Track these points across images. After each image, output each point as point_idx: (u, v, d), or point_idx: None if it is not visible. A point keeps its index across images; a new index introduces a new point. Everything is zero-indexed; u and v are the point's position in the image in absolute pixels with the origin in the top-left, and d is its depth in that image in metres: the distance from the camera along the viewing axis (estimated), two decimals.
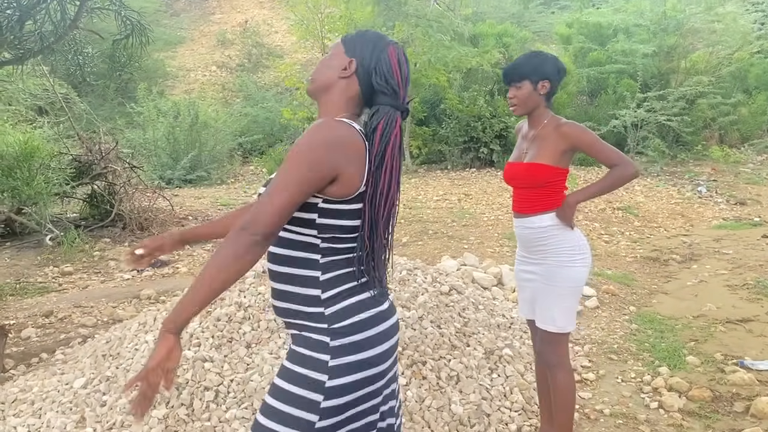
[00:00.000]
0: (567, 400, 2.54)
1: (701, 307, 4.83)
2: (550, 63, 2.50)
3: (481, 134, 11.97)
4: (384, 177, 1.54)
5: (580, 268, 2.51)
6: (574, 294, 2.54)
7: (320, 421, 1.50)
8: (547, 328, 2.54)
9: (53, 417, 2.88)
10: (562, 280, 2.50)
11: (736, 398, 3.32)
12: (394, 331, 1.65)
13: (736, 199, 9.69)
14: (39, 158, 7.43)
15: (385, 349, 1.60)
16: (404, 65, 1.62)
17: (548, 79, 2.48)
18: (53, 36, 4.30)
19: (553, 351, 2.57)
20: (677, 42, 12.98)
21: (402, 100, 1.60)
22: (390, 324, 1.63)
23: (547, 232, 2.51)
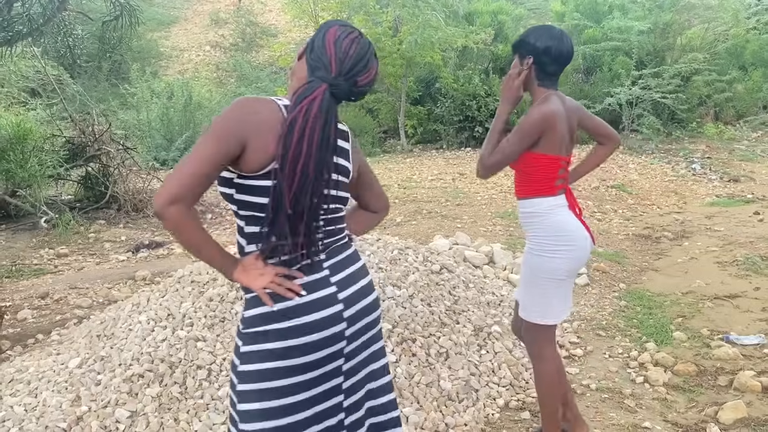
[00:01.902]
0: (547, 390, 2.48)
1: (690, 283, 4.89)
2: (533, 37, 2.37)
3: (477, 113, 11.95)
4: (293, 146, 1.48)
5: (562, 260, 2.39)
6: (553, 286, 2.41)
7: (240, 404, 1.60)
8: (521, 314, 2.50)
9: (49, 396, 2.93)
10: (538, 270, 2.41)
11: (720, 372, 3.39)
12: (320, 325, 1.59)
13: (730, 176, 9.72)
14: (32, 140, 7.44)
15: (302, 343, 1.57)
16: (343, 43, 1.60)
17: (533, 54, 2.36)
18: (42, 18, 4.28)
19: (533, 341, 2.50)
20: (673, 19, 12.92)
21: (336, 75, 1.57)
22: (311, 319, 1.58)
23: (531, 218, 2.45)
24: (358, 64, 1.61)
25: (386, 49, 12.08)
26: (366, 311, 1.70)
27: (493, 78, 12.41)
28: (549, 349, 2.50)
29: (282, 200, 1.49)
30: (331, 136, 1.55)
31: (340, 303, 1.63)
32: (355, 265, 1.73)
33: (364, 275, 1.75)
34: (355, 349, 1.69)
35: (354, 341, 1.68)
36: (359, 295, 1.69)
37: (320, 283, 1.62)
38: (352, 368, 1.70)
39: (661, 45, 13.00)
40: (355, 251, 1.77)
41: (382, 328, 3.22)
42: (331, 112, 1.55)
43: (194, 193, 1.48)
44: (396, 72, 12.52)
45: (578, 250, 2.43)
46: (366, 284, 1.73)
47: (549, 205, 2.41)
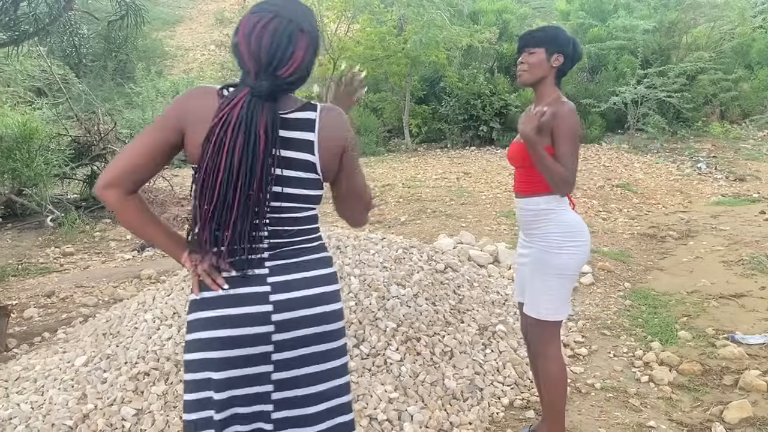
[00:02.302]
0: (556, 390, 2.48)
1: (696, 283, 4.87)
2: (570, 40, 2.41)
3: (481, 112, 11.94)
4: (209, 158, 1.46)
5: (572, 256, 2.39)
6: (563, 282, 2.42)
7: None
8: (531, 314, 2.46)
9: (55, 394, 2.95)
10: (549, 267, 2.40)
11: (726, 372, 3.38)
12: (242, 321, 1.54)
13: (736, 176, 9.69)
14: (38, 139, 7.47)
15: (222, 335, 1.54)
16: (253, 36, 1.47)
17: (564, 54, 2.37)
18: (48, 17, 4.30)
19: (539, 339, 2.48)
20: (678, 17, 12.89)
21: (255, 76, 1.47)
22: (232, 312, 1.54)
23: (540, 215, 2.42)
24: (275, 57, 1.47)
25: (391, 48, 12.08)
26: (304, 322, 1.58)
27: (498, 77, 12.39)
28: (554, 346, 2.50)
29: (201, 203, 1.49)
30: (258, 142, 1.45)
31: (270, 304, 1.55)
32: (308, 273, 1.60)
33: (316, 285, 1.61)
34: (289, 360, 1.59)
35: (285, 350, 1.57)
36: (298, 304, 1.57)
37: (253, 280, 1.55)
38: (286, 380, 1.60)
39: (666, 44, 12.96)
40: (317, 259, 1.64)
41: (387, 329, 3.23)
42: (255, 117, 1.45)
43: (132, 180, 1.52)
44: (400, 71, 12.52)
45: (586, 245, 2.45)
46: (313, 295, 1.60)
47: (558, 201, 2.41)
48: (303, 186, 1.58)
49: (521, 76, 2.43)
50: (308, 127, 1.56)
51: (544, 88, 2.42)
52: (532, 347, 2.55)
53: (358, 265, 3.73)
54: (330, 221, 7.18)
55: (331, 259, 1.70)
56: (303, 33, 1.50)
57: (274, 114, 1.48)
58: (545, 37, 2.38)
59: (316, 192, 1.62)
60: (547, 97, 2.40)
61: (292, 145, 1.54)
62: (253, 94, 1.46)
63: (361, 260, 3.80)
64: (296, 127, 1.55)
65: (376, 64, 12.63)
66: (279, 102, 1.51)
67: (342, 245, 3.95)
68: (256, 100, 1.46)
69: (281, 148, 1.50)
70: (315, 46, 1.54)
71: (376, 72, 13.04)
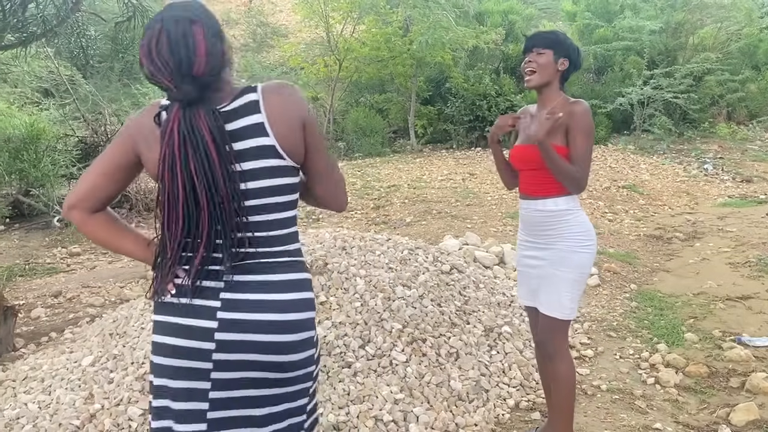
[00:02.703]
0: (567, 391, 2.48)
1: (702, 284, 4.86)
2: (575, 47, 2.44)
3: (487, 113, 11.94)
4: (165, 176, 1.43)
5: (588, 254, 2.43)
6: (582, 280, 2.46)
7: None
8: (554, 314, 2.42)
9: (62, 394, 2.97)
10: (572, 266, 2.40)
11: (732, 374, 3.37)
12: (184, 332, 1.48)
13: (742, 177, 9.66)
14: (45, 140, 7.52)
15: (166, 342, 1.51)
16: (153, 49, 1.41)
17: (569, 59, 2.40)
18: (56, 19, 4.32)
19: (553, 339, 2.47)
20: (685, 18, 12.85)
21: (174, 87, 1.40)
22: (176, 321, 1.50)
23: (559, 216, 2.41)
24: (181, 60, 1.39)
25: (396, 49, 12.09)
26: (251, 347, 1.46)
27: (503, 78, 12.38)
28: (566, 346, 2.52)
29: (164, 220, 1.47)
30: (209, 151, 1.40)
31: (215, 321, 1.46)
32: (264, 295, 1.48)
33: (270, 310, 1.47)
34: (228, 381, 1.49)
35: (226, 371, 1.48)
36: (249, 327, 1.46)
37: (206, 292, 1.48)
38: (222, 400, 1.51)
39: (673, 44, 12.93)
40: (283, 282, 1.50)
41: (392, 330, 3.23)
42: (194, 127, 1.40)
43: (94, 199, 1.53)
44: (406, 72, 12.53)
45: (595, 245, 2.48)
46: (262, 321, 1.46)
47: (574, 202, 2.43)
48: (266, 176, 1.47)
49: (531, 77, 2.41)
50: (252, 109, 1.45)
51: (549, 92, 2.42)
52: (548, 348, 2.52)
53: (364, 266, 3.74)
54: (335, 222, 7.19)
55: (304, 282, 1.54)
56: (194, 23, 1.42)
57: (213, 114, 1.42)
58: (555, 39, 2.40)
59: (285, 180, 1.49)
60: (553, 101, 2.40)
61: (241, 134, 1.44)
62: (182, 106, 1.41)
63: (367, 261, 3.81)
64: (239, 114, 1.45)
65: (381, 65, 12.65)
66: (213, 99, 1.45)
67: (348, 246, 3.96)
68: (188, 110, 1.41)
69: (232, 141, 1.43)
70: (212, 29, 1.45)
71: (382, 73, 13.06)
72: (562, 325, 2.46)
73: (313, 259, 3.70)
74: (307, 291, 1.55)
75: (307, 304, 1.54)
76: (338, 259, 3.75)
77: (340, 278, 3.56)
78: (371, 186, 9.15)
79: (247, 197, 1.46)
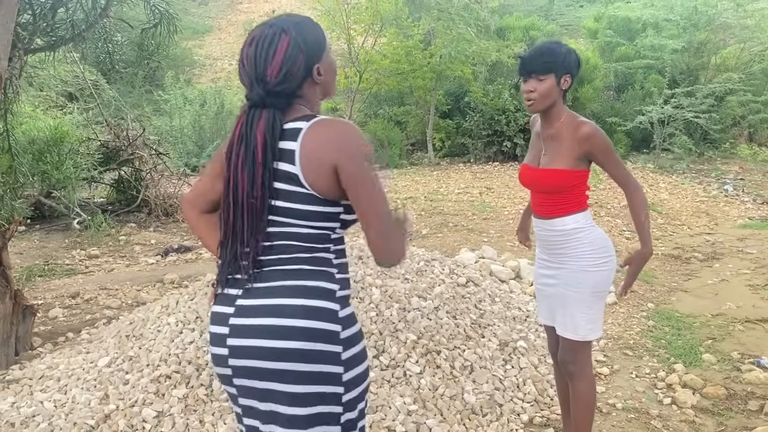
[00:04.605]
0: (588, 411, 2.45)
1: (721, 305, 4.79)
2: (573, 55, 2.32)
3: (505, 128, 11.92)
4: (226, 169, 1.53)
5: (605, 272, 2.37)
6: (599, 300, 2.39)
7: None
8: (568, 335, 2.39)
9: (78, 393, 2.99)
10: (585, 286, 2.35)
11: (751, 397, 3.32)
12: (212, 340, 1.55)
13: (763, 199, 9.54)
14: (68, 143, 7.61)
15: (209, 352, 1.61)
16: (244, 52, 1.52)
17: (571, 73, 2.30)
18: (84, 24, 4.40)
19: (574, 359, 2.42)
20: (707, 38, 12.78)
21: (249, 86, 1.51)
22: (210, 330, 1.57)
23: (570, 235, 2.36)
24: (258, 63, 1.48)
25: (417, 62, 12.13)
26: (253, 353, 1.47)
27: None
28: (590, 366, 2.47)
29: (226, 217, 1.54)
30: (256, 148, 1.47)
31: (227, 327, 1.50)
32: (275, 300, 1.47)
33: (280, 315, 1.46)
34: (246, 389, 1.52)
35: (241, 378, 1.51)
36: (251, 332, 1.47)
37: (227, 299, 1.53)
38: (249, 408, 1.55)
39: (695, 64, 12.86)
40: (298, 287, 1.48)
41: (407, 341, 3.22)
42: (253, 126, 1.48)
43: (204, 200, 1.71)
44: (425, 85, 12.56)
45: (614, 259, 2.42)
46: (270, 326, 1.45)
47: (587, 218, 2.39)
48: (289, 199, 1.48)
49: (533, 105, 2.33)
50: (294, 136, 1.47)
51: (555, 111, 2.35)
52: (570, 368, 2.46)
53: (380, 276, 3.74)
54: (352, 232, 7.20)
55: (326, 292, 1.50)
56: (285, 34, 1.48)
57: (274, 119, 1.47)
58: (554, 62, 2.27)
59: (307, 207, 1.48)
60: (558, 118, 2.34)
61: (281, 155, 1.48)
62: (250, 106, 1.50)
63: (383, 271, 3.81)
64: (287, 137, 1.48)
65: (401, 77, 12.69)
66: (286, 114, 1.50)
67: (364, 255, 3.96)
68: (254, 111, 1.49)
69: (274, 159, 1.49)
70: (300, 43, 1.48)
71: (402, 86, 13.10)
72: (581, 345, 2.41)
73: None
74: (323, 300, 1.49)
75: (324, 315, 1.48)
76: (354, 268, 3.75)
77: (356, 287, 3.57)
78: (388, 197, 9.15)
79: (277, 214, 1.50)
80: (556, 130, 2.34)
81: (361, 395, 1.56)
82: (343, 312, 1.51)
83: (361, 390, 1.55)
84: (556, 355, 2.60)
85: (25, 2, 4.05)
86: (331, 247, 1.54)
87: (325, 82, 1.57)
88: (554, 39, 2.70)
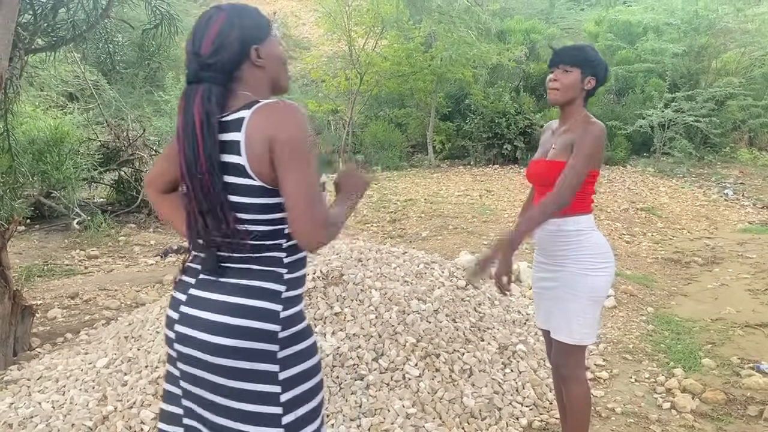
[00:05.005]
0: (582, 414, 2.44)
1: (720, 310, 4.79)
2: (603, 63, 2.38)
3: (506, 131, 11.93)
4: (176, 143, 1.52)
5: (603, 277, 2.35)
6: (595, 304, 2.37)
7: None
8: (563, 339, 2.38)
9: (76, 394, 2.98)
10: (582, 289, 2.33)
11: (750, 402, 3.31)
12: (166, 321, 1.59)
13: (763, 203, 9.55)
14: (68, 144, 7.62)
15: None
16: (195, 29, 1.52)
17: (597, 76, 2.34)
18: (85, 24, 4.40)
19: (566, 363, 2.42)
20: (708, 42, 12.79)
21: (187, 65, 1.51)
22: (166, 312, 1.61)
23: (570, 237, 2.35)
24: (195, 39, 1.49)
25: (417, 65, 12.15)
26: (196, 344, 1.50)
27: (523, 96, 12.39)
28: (582, 370, 2.46)
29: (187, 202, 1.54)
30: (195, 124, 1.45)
31: (178, 313, 1.55)
32: (222, 296, 1.49)
33: (223, 312, 1.47)
34: (188, 375, 1.55)
35: (184, 363, 1.54)
36: (196, 324, 1.50)
37: (183, 285, 1.58)
38: (189, 392, 1.57)
39: (695, 68, 12.87)
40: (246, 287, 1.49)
41: (406, 344, 3.22)
42: (190, 102, 1.47)
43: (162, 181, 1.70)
44: (426, 87, 12.57)
45: (613, 263, 2.41)
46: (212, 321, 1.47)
47: (590, 222, 2.38)
48: (239, 192, 1.46)
49: (554, 95, 2.36)
50: (237, 127, 1.44)
51: (572, 109, 2.38)
52: (562, 371, 2.47)
53: (379, 278, 3.73)
54: (351, 233, 7.20)
55: (270, 293, 1.50)
56: (222, 12, 1.50)
57: (210, 93, 1.46)
58: (583, 58, 2.33)
59: (257, 200, 1.47)
60: (575, 117, 2.37)
61: (226, 148, 1.45)
62: (187, 82, 1.50)
63: (383, 273, 3.80)
64: (229, 128, 1.46)
65: (402, 79, 12.71)
66: (230, 102, 1.49)
67: (364, 258, 3.96)
68: (189, 87, 1.49)
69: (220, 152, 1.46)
70: (234, 19, 1.49)
71: (402, 88, 13.12)
72: (575, 349, 2.40)
73: (329, 269, 3.70)
74: (266, 301, 1.49)
75: (268, 316, 1.48)
76: (354, 270, 3.75)
77: (356, 290, 3.56)
78: (388, 199, 9.16)
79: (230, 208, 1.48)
80: (569, 126, 2.37)
81: (306, 395, 1.54)
82: (286, 312, 1.52)
83: (303, 390, 1.53)
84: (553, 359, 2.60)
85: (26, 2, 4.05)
86: (284, 243, 1.52)
87: (270, 70, 1.56)
88: (591, 45, 2.68)
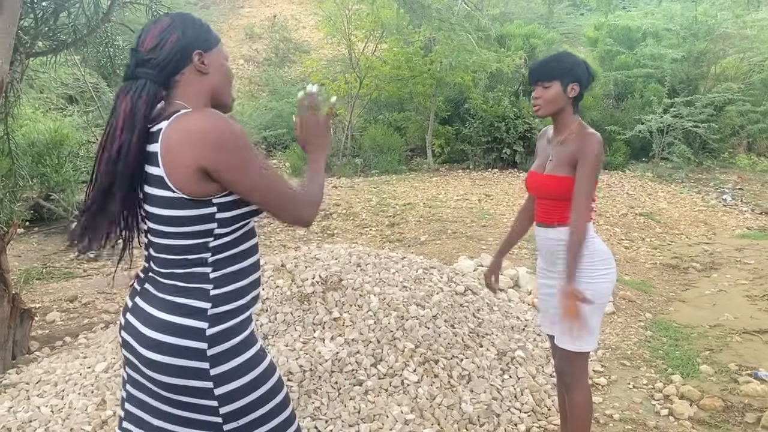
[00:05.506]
0: (583, 421, 2.45)
1: (718, 316, 4.80)
2: (582, 65, 2.37)
3: (505, 135, 11.93)
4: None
5: (604, 284, 2.38)
6: (596, 311, 2.37)
7: None
8: (565, 346, 2.39)
9: (75, 399, 2.99)
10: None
11: (748, 409, 3.32)
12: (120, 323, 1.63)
13: (762, 209, 9.55)
14: (68, 146, 7.62)
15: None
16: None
17: (579, 82, 2.34)
18: (86, 28, 4.41)
19: (570, 370, 2.45)
20: (707, 47, 12.82)
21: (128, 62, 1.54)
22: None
23: None
24: (140, 39, 1.52)
25: (417, 69, 12.16)
26: (133, 352, 1.55)
27: (523, 100, 12.40)
28: (586, 377, 2.48)
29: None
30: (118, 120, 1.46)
31: (124, 319, 1.60)
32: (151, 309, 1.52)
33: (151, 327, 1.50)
34: (131, 379, 1.60)
35: (128, 367, 1.60)
36: (134, 333, 1.54)
37: (133, 292, 1.62)
38: (131, 396, 1.62)
39: (694, 73, 12.90)
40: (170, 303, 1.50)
41: (405, 350, 3.22)
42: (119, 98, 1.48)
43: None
44: (425, 91, 12.58)
45: (614, 270, 2.44)
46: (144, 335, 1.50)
47: (591, 230, 2.39)
48: (160, 204, 1.46)
49: (538, 111, 2.39)
50: (156, 138, 1.45)
51: (563, 118, 2.39)
52: (566, 379, 2.48)
53: (378, 284, 3.74)
54: (350, 237, 7.20)
55: (195, 310, 1.48)
56: (168, 17, 1.54)
57: (143, 87, 1.46)
58: (559, 69, 2.33)
59: (177, 212, 1.45)
60: (568, 126, 2.38)
61: (150, 159, 1.46)
62: (124, 79, 1.51)
63: (381, 278, 3.81)
64: (153, 139, 1.46)
65: (401, 83, 12.72)
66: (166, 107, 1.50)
67: (363, 263, 3.97)
68: (124, 84, 1.50)
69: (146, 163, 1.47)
70: (178, 24, 1.52)
71: (401, 92, 13.13)
72: (577, 356, 2.42)
73: (328, 274, 3.70)
74: (190, 318, 1.48)
75: (183, 331, 1.48)
76: (353, 275, 3.75)
77: (354, 295, 3.57)
78: (387, 203, 9.16)
79: (151, 219, 1.51)
80: (564, 137, 2.38)
81: (251, 407, 1.53)
82: (212, 330, 1.48)
83: (246, 402, 1.52)
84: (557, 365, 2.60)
85: (28, 6, 4.06)
86: (209, 258, 1.50)
87: (213, 80, 1.57)
88: (565, 50, 2.68)
